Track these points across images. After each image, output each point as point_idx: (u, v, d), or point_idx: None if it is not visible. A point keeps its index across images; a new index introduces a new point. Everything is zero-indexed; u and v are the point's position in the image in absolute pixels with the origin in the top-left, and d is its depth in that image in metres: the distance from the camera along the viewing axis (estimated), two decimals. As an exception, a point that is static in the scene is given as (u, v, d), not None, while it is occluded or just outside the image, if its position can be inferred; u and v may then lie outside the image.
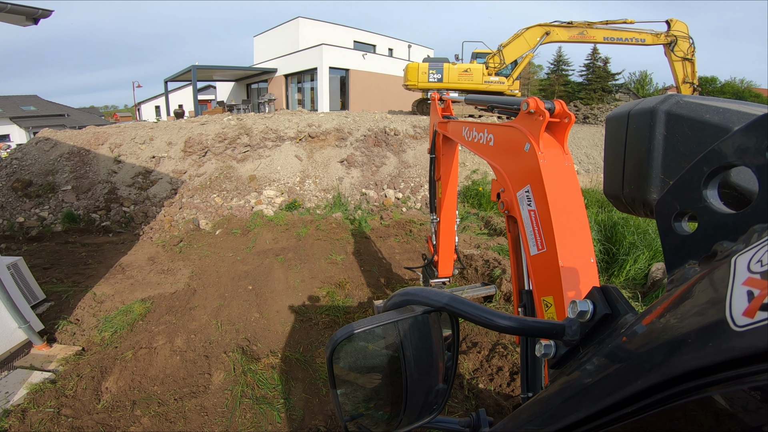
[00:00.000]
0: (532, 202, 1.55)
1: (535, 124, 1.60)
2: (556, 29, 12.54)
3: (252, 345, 4.03)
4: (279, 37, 24.30)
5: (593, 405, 0.38)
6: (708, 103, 0.62)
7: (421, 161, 9.45)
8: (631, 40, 12.52)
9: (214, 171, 8.63)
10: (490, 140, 1.99)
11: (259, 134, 9.08)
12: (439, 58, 14.18)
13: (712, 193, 0.43)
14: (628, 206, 0.72)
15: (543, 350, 0.56)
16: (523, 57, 13.23)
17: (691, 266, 0.43)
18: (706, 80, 31.43)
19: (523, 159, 1.62)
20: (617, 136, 0.74)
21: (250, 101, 23.00)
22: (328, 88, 20.47)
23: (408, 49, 27.48)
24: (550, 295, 1.45)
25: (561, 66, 42.32)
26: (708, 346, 0.28)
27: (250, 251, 6.43)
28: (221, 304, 4.78)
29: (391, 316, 0.67)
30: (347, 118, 10.36)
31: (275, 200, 8.19)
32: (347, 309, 4.76)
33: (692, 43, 12.34)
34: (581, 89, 39.29)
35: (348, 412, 0.73)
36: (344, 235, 7.04)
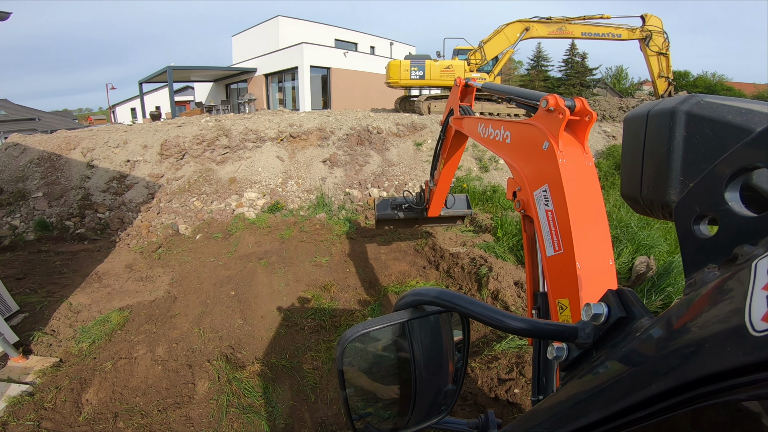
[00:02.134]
0: (550, 202, 1.52)
1: (555, 122, 1.54)
2: (536, 25, 12.69)
3: (236, 352, 3.94)
4: (258, 36, 23.96)
5: (605, 408, 0.38)
6: (729, 103, 0.60)
7: (405, 159, 9.41)
8: (607, 35, 12.74)
9: (193, 174, 8.41)
10: (507, 137, 1.94)
11: (239, 135, 8.89)
12: (421, 56, 14.17)
13: (734, 196, 0.42)
14: (647, 208, 0.70)
15: (555, 353, 0.56)
16: (504, 53, 13.34)
17: (710, 270, 0.42)
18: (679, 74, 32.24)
19: (542, 158, 1.58)
20: (636, 137, 0.71)
21: (230, 102, 22.63)
22: (309, 87, 20.31)
23: (390, 47, 27.42)
24: (565, 297, 1.42)
25: (541, 62, 42.89)
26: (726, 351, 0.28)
27: (232, 255, 6.29)
28: (203, 311, 4.65)
29: (402, 315, 0.67)
30: (329, 117, 10.24)
31: (257, 202, 8.03)
32: (333, 312, 4.71)
33: (666, 37, 12.62)
34: (560, 84, 39.92)
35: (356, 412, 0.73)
36: (328, 236, 6.94)
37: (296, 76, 20.45)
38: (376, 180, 8.78)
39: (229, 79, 24.98)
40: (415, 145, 9.84)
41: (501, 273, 4.92)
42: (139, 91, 23.15)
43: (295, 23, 23.20)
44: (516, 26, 12.80)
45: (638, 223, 6.05)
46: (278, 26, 22.76)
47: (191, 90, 29.16)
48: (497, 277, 4.83)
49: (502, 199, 8.28)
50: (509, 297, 4.57)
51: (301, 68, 19.92)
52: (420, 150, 9.73)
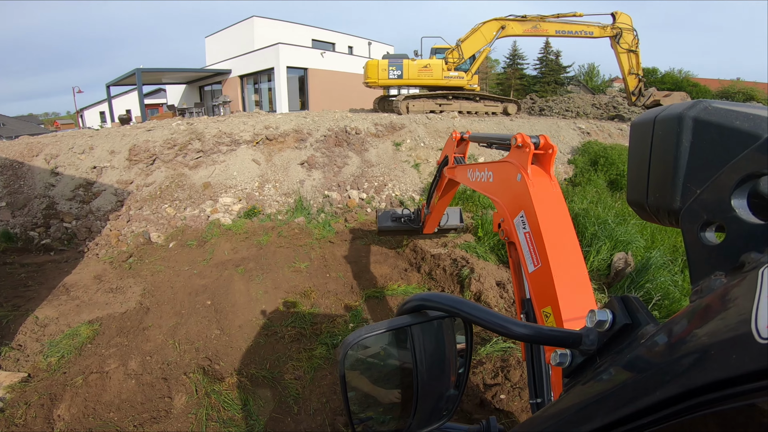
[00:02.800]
0: (527, 224, 1.74)
1: (523, 155, 1.84)
2: (511, 23, 12.85)
3: (214, 364, 3.85)
4: (232, 37, 23.58)
5: (609, 415, 0.38)
6: (737, 109, 0.59)
7: (384, 159, 9.33)
8: (580, 33, 13.01)
9: (164, 180, 8.11)
10: (489, 177, 2.27)
11: (212, 139, 8.62)
12: (399, 55, 14.17)
13: (741, 203, 0.42)
14: (653, 215, 0.69)
15: (558, 359, 0.55)
16: (481, 51, 13.46)
17: (717, 277, 0.42)
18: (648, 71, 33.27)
19: (517, 188, 1.86)
20: (642, 142, 0.69)
21: (204, 104, 22.13)
22: (286, 88, 20.11)
23: (368, 47, 27.40)
24: (548, 305, 1.56)
25: (516, 60, 43.52)
26: (731, 358, 0.28)
27: (207, 263, 6.10)
28: (178, 322, 4.52)
29: (405, 320, 0.67)
30: (306, 118, 10.06)
31: (233, 208, 7.80)
32: (314, 319, 4.63)
33: (636, 35, 12.96)
34: (536, 82, 40.61)
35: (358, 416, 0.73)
36: (308, 241, 6.80)
37: (272, 77, 20.25)
38: (355, 181, 8.67)
39: (202, 81, 24.52)
40: (394, 145, 9.78)
41: (483, 274, 4.90)
42: (106, 94, 22.36)
43: (271, 23, 22.95)
44: (492, 24, 12.93)
45: (615, 220, 6.14)
46: (253, 27, 22.47)
47: (164, 93, 28.44)
48: (479, 278, 4.80)
49: (482, 197, 8.29)
50: (492, 298, 4.54)
51: (277, 69, 19.72)
52: (399, 150, 9.67)
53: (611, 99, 18.36)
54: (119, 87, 24.19)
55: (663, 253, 5.33)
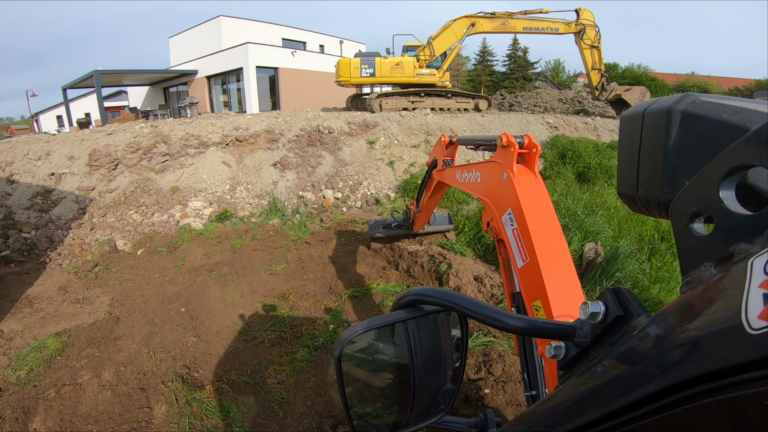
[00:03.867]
0: (514, 221, 1.79)
1: (509, 155, 1.90)
2: (481, 20, 13.05)
3: (193, 372, 3.78)
4: (199, 37, 22.95)
5: (603, 407, 0.38)
6: (725, 102, 0.60)
7: (358, 158, 9.27)
8: (546, 29, 13.36)
9: (129, 185, 7.78)
10: (477, 177, 2.32)
11: (179, 141, 8.33)
12: (371, 53, 14.15)
13: (729, 194, 0.43)
14: (643, 207, 0.71)
15: (553, 351, 0.55)
16: (452, 48, 13.60)
17: (706, 268, 0.42)
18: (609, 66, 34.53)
19: (503, 186, 1.91)
20: (632, 135, 0.71)
21: (169, 106, 21.43)
22: (256, 89, 19.74)
23: (340, 45, 27.24)
24: (538, 299, 1.59)
25: (486, 57, 44.26)
26: (722, 350, 0.28)
27: (179, 270, 5.92)
28: (151, 330, 4.42)
29: (400, 315, 0.67)
30: (278, 118, 9.87)
31: (203, 212, 7.57)
32: (294, 322, 4.56)
33: (598, 31, 13.42)
34: (505, 78, 41.47)
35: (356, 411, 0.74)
36: (283, 243, 6.68)
37: (241, 77, 19.84)
38: (329, 181, 8.58)
39: (167, 82, 23.73)
40: (368, 143, 9.74)
41: (460, 269, 4.94)
42: (63, 97, 21.27)
43: (239, 23, 22.49)
44: (463, 22, 13.09)
45: (584, 211, 6.33)
46: (220, 26, 21.97)
47: (126, 95, 27.35)
48: (457, 274, 4.84)
49: (456, 192, 8.37)
50: (470, 293, 4.59)
51: (246, 69, 19.33)
52: (373, 148, 9.63)
53: (576, 94, 18.97)
54: (77, 90, 23.07)
55: (630, 242, 5.54)
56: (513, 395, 3.15)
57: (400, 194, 8.69)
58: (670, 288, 4.50)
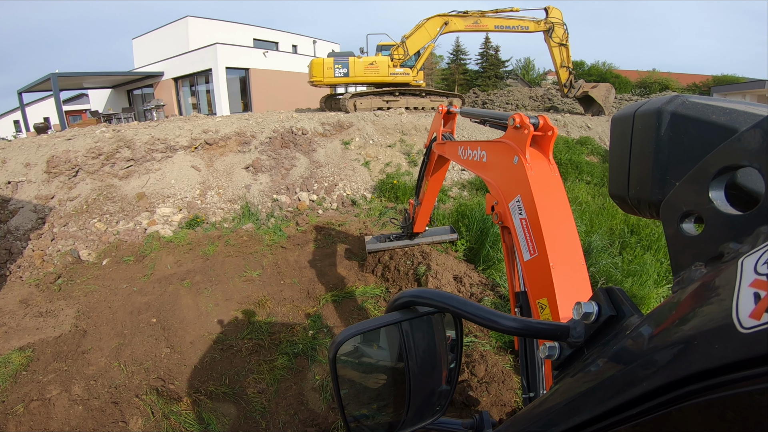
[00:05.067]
0: (523, 210, 1.66)
1: (521, 137, 1.73)
2: (454, 19, 13.18)
3: (168, 384, 3.69)
4: (164, 38, 22.26)
5: (597, 407, 0.38)
6: (714, 103, 0.61)
7: (333, 159, 9.15)
8: (517, 27, 13.62)
9: (91, 192, 7.40)
10: (483, 157, 2.14)
11: (144, 146, 7.98)
12: (344, 53, 14.07)
13: (719, 194, 0.43)
14: (634, 207, 0.71)
15: (547, 352, 0.56)
16: (426, 47, 13.67)
17: (697, 268, 0.43)
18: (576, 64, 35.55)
19: (513, 171, 1.76)
20: (623, 137, 0.72)
21: (134, 109, 20.68)
22: (226, 90, 19.32)
23: (313, 45, 26.97)
24: (544, 296, 1.52)
25: (459, 55, 44.78)
26: (714, 349, 0.28)
27: (148, 279, 5.69)
28: (121, 342, 4.28)
29: (395, 316, 0.68)
30: (249, 120, 9.62)
31: (172, 218, 7.27)
32: (271, 329, 4.47)
33: (566, 29, 13.77)
34: (478, 77, 42.09)
35: (351, 413, 0.73)
36: (258, 248, 6.50)
37: (211, 79, 19.40)
38: (304, 183, 8.43)
39: (131, 84, 22.94)
40: (343, 144, 9.62)
41: (439, 270, 4.92)
42: (19, 102, 20.16)
43: (207, 23, 21.95)
44: (436, 20, 13.18)
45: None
46: (187, 27, 21.40)
47: (87, 98, 26.20)
48: (436, 275, 4.81)
49: (433, 191, 8.37)
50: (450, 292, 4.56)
51: (215, 70, 18.91)
52: (348, 149, 9.53)
53: (546, 91, 19.42)
54: (35, 93, 21.96)
55: (601, 236, 5.66)
56: (497, 396, 3.15)
57: (376, 194, 8.62)
58: (642, 281, 4.59)
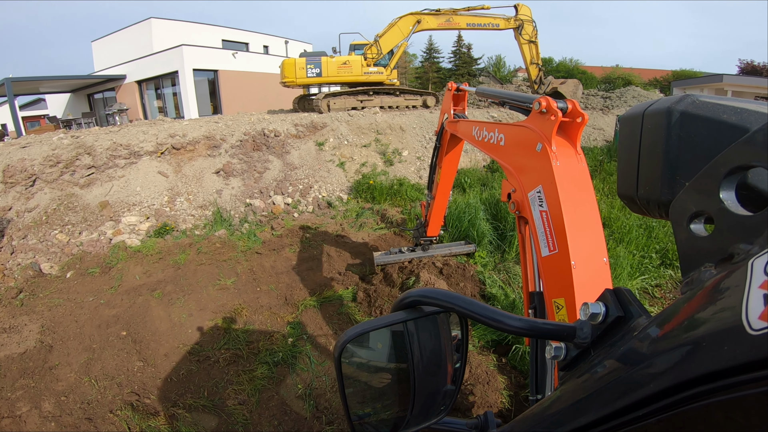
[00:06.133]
0: (544, 203, 1.55)
1: (547, 124, 1.59)
2: (426, 17, 13.23)
3: (143, 398, 3.61)
4: (126, 40, 21.48)
5: (603, 408, 0.38)
6: (724, 102, 0.60)
7: (308, 161, 8.99)
8: (488, 25, 13.80)
9: (50, 202, 7.00)
10: (500, 140, 2.00)
11: (106, 152, 7.60)
12: (317, 52, 13.91)
13: (729, 195, 0.43)
14: (643, 208, 0.70)
15: (553, 352, 0.56)
16: (399, 46, 13.68)
17: (707, 269, 0.43)
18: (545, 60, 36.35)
19: (535, 159, 1.62)
20: (632, 136, 0.72)
21: (95, 114, 19.82)
22: (194, 92, 18.78)
23: (285, 46, 26.56)
24: (561, 296, 1.44)
25: (433, 54, 45.07)
26: (723, 350, 0.28)
27: (116, 291, 5.48)
28: (90, 357, 4.16)
29: (400, 316, 0.68)
30: (218, 123, 9.32)
31: (140, 227, 6.97)
32: (249, 338, 4.37)
33: (535, 26, 14.03)
34: (451, 74, 42.45)
35: (355, 412, 0.74)
36: (232, 255, 6.31)
37: (177, 81, 18.78)
38: (278, 186, 8.24)
39: (91, 88, 22.01)
40: (317, 145, 9.48)
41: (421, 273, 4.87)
42: (-30, 108, 18.95)
43: (172, 24, 21.28)
44: (408, 19, 13.19)
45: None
46: (151, 28, 20.68)
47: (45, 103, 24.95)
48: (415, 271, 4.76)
49: (409, 191, 8.37)
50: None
51: (182, 72, 18.34)
52: (322, 150, 9.39)
53: (517, 88, 19.75)
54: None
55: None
56: (483, 397, 3.15)
57: (352, 195, 8.53)
58: (617, 274, 4.66)
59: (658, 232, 5.44)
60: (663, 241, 5.35)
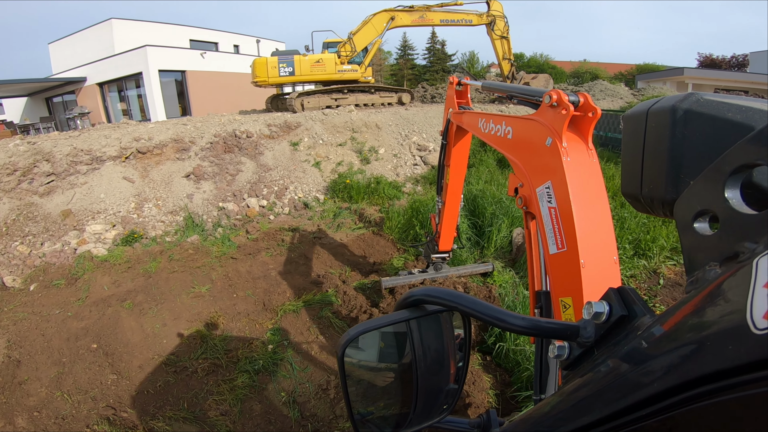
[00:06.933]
0: (553, 199, 1.52)
1: (558, 118, 1.55)
2: (400, 14, 13.21)
3: (120, 412, 3.52)
4: (86, 42, 20.70)
5: (606, 407, 0.38)
6: (729, 101, 0.61)
7: (282, 162, 8.81)
8: (461, 21, 13.90)
9: (9, 213, 6.62)
10: (508, 133, 1.95)
11: (66, 158, 7.21)
12: (289, 51, 13.70)
13: (734, 193, 0.42)
14: (647, 206, 0.70)
15: (556, 351, 0.56)
16: (373, 43, 13.63)
17: (711, 268, 0.43)
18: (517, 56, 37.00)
19: (544, 154, 1.59)
20: (636, 135, 0.72)
21: (54, 118, 18.97)
22: (160, 94, 18.24)
23: (257, 45, 26.07)
24: (568, 295, 1.42)
25: (407, 51, 45.20)
26: (727, 349, 0.28)
27: (83, 303, 5.27)
28: (61, 371, 4.04)
29: (403, 315, 0.69)
30: (187, 125, 9.01)
31: (106, 235, 6.66)
32: (228, 346, 4.28)
33: (507, 22, 14.22)
34: (426, 71, 42.76)
35: (358, 410, 0.74)
36: (206, 261, 6.12)
37: (141, 83, 18.17)
38: (252, 188, 8.04)
39: (49, 91, 21.10)
40: (291, 145, 9.30)
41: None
42: None
43: (135, 25, 20.60)
44: (382, 16, 13.12)
45: (509, 198, 6.59)
46: (112, 29, 19.97)
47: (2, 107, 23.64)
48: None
49: (387, 189, 8.33)
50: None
51: (146, 73, 17.79)
52: (297, 150, 9.22)
53: (491, 84, 19.94)
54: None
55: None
56: (469, 397, 3.13)
57: (329, 195, 8.43)
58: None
59: (630, 223, 5.56)
60: (635, 232, 5.47)
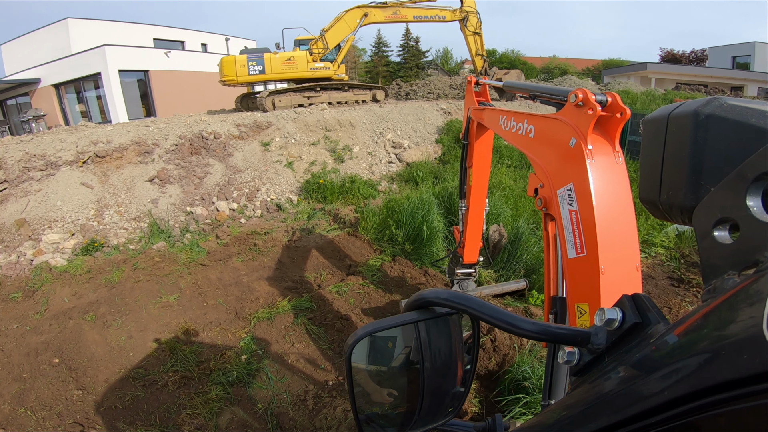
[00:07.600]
0: (574, 202, 1.48)
1: (584, 118, 1.48)
2: (373, 10, 13.08)
3: (88, 429, 3.44)
4: (40, 42, 19.65)
5: (615, 414, 0.38)
6: (753, 106, 0.60)
7: (253, 162, 8.55)
8: (434, 17, 13.93)
9: (-44, 225, 6.16)
10: (530, 131, 1.90)
11: (18, 164, 6.78)
12: (259, 49, 13.34)
13: (756, 201, 0.42)
14: (665, 213, 0.69)
15: (566, 357, 0.55)
16: (346, 40, 13.45)
17: (730, 277, 0.42)
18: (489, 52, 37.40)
19: (568, 155, 1.54)
20: (655, 139, 0.71)
21: (8, 121, 17.96)
22: (121, 95, 17.53)
23: (226, 43, 25.37)
24: (585, 301, 1.40)
25: (381, 48, 44.99)
26: (742, 359, 0.28)
27: (42, 316, 5.05)
28: (22, 387, 3.91)
29: (412, 316, 0.69)
30: (149, 126, 8.61)
31: (64, 245, 6.30)
32: (199, 358, 4.15)
33: (479, 17, 14.32)
34: (400, 68, 42.73)
35: (363, 411, 0.74)
36: (174, 268, 5.86)
37: (101, 84, 17.40)
38: (222, 191, 7.76)
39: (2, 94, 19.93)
40: (263, 145, 9.05)
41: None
42: None
43: (94, 24, 19.65)
44: (355, 12, 12.95)
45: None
46: (68, 29, 18.97)
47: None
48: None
49: (362, 188, 8.22)
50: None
51: (105, 74, 17.01)
52: (268, 150, 8.97)
53: (464, 79, 20.14)
54: None
55: (527, 220, 5.87)
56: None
57: (303, 196, 8.24)
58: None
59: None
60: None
